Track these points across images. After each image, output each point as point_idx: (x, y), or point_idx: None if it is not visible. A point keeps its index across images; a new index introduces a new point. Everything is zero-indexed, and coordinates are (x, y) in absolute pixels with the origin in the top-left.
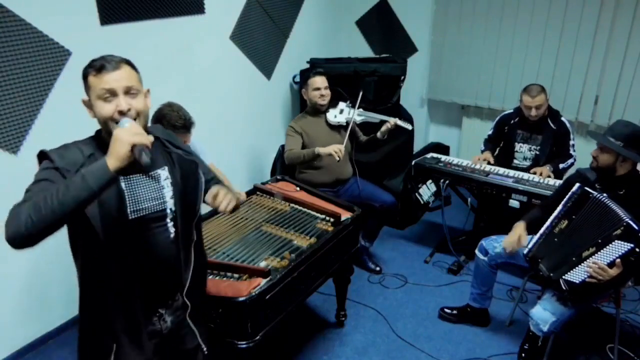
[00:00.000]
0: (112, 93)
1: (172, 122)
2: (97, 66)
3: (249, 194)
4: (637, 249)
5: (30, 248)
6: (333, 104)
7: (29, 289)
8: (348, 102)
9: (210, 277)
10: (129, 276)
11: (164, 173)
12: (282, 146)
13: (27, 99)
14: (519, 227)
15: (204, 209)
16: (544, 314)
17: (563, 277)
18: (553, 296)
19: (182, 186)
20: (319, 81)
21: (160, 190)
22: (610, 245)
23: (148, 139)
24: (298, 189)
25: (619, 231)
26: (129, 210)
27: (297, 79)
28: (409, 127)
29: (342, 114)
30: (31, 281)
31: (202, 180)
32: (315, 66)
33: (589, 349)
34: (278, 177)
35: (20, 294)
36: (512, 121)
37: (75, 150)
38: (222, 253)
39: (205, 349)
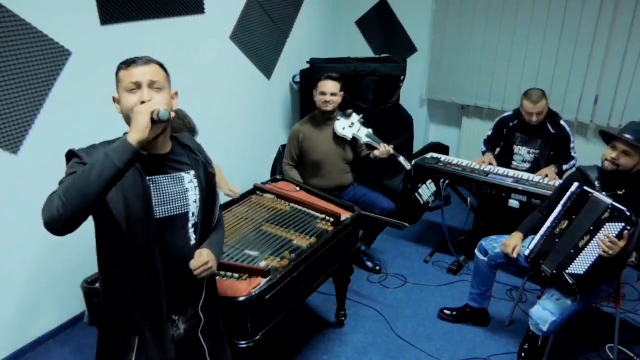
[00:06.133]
0: (138, 86)
1: (176, 130)
2: (128, 62)
3: (249, 194)
4: (629, 227)
5: (70, 233)
6: (347, 113)
7: (30, 289)
8: (361, 116)
9: None
10: (153, 275)
11: (187, 176)
12: (283, 146)
13: (27, 99)
14: (517, 238)
15: None
16: (543, 313)
17: (566, 271)
18: (553, 296)
19: (206, 194)
20: (327, 86)
21: (184, 192)
22: (603, 229)
23: (167, 105)
24: (298, 189)
25: (607, 214)
26: (156, 209)
27: (297, 79)
28: (408, 166)
29: (352, 128)
30: (32, 281)
31: (219, 195)
32: (315, 66)
33: (589, 349)
34: (278, 177)
35: (21, 293)
36: (511, 124)
37: (102, 149)
38: None
39: None
